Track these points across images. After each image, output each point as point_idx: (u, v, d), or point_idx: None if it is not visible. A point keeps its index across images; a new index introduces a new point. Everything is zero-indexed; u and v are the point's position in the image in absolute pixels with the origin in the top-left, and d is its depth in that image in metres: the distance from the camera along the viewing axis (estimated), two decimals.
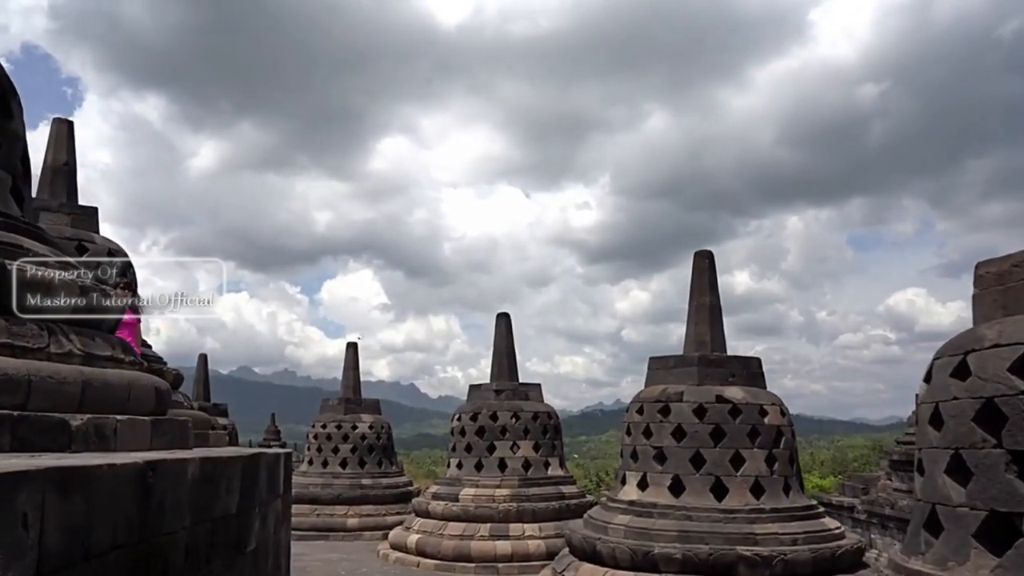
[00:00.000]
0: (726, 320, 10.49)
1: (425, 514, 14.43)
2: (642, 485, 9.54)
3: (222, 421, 22.94)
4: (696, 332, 10.18)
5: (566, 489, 14.62)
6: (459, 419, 15.12)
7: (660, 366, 10.22)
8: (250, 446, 30.85)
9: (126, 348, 5.38)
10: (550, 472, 14.70)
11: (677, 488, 9.24)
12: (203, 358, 23.55)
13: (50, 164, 10.75)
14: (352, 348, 20.15)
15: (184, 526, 3.57)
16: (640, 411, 9.87)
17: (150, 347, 11.14)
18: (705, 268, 10.37)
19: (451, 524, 13.89)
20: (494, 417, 14.68)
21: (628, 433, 10.04)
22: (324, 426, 18.95)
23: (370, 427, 19.02)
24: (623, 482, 9.89)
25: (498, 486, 14.15)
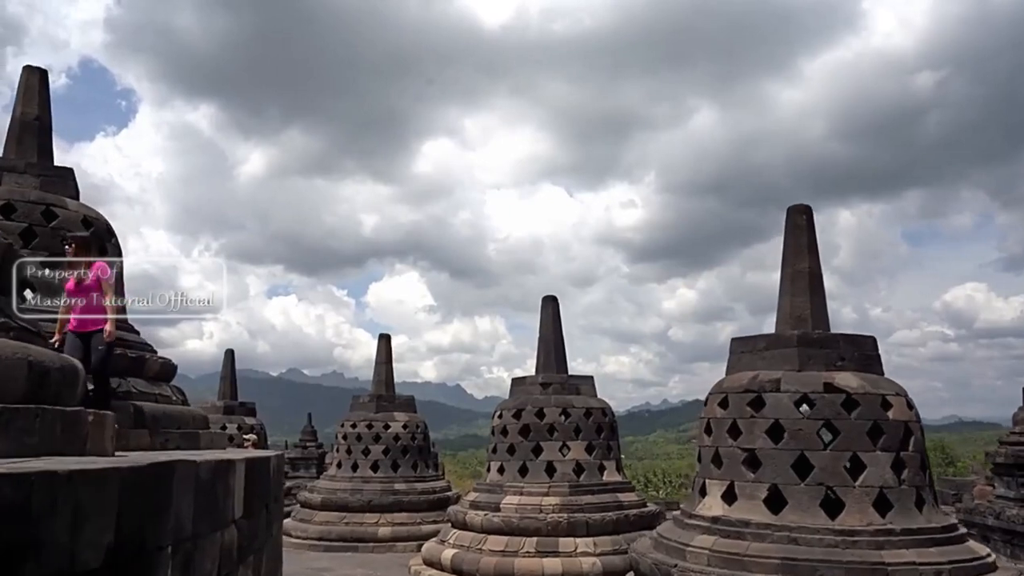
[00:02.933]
0: (775, 319, 8.47)
1: (462, 525, 12.59)
2: (728, 497, 7.53)
3: (249, 421, 21.53)
4: (792, 305, 8.13)
5: (624, 497, 12.63)
6: (500, 416, 13.25)
7: (747, 348, 8.20)
8: (286, 447, 29.40)
9: None
10: (605, 477, 12.73)
11: (776, 502, 7.22)
12: (229, 354, 22.15)
13: (18, 118, 9.20)
14: (384, 340, 18.47)
15: None
16: (723, 404, 7.87)
17: (138, 333, 9.53)
18: (803, 227, 8.31)
19: (491, 538, 12.02)
20: (540, 414, 12.76)
21: (708, 432, 8.04)
22: (354, 425, 17.29)
23: (404, 426, 17.30)
24: (702, 493, 7.90)
25: (546, 494, 12.23)
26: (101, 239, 8.99)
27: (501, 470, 12.91)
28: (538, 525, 11.83)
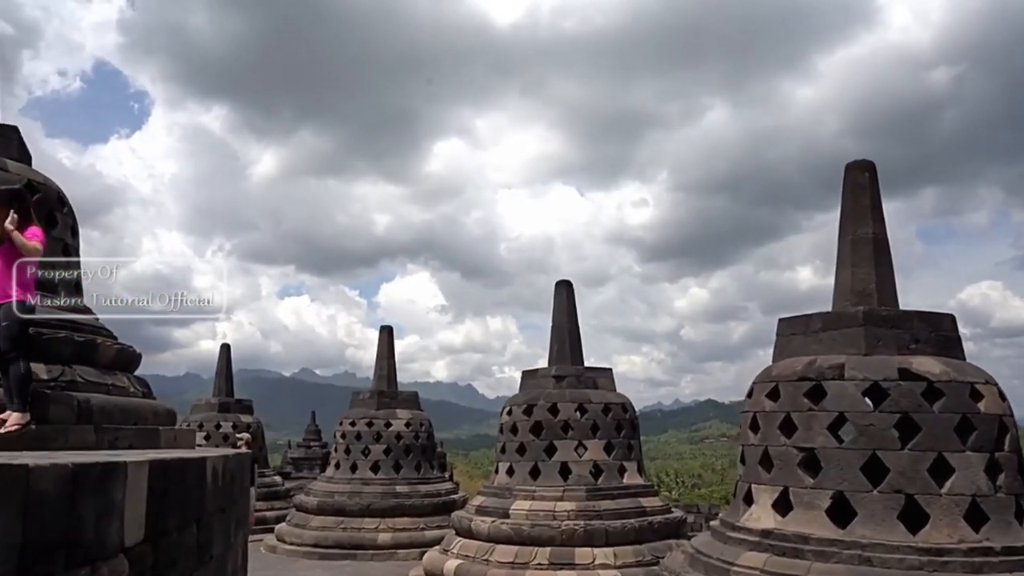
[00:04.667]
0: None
1: (467, 533, 11.35)
2: (782, 506, 6.26)
3: (245, 419, 20.41)
4: (855, 278, 6.84)
5: (647, 502, 11.35)
6: (509, 413, 11.99)
7: (799, 329, 6.92)
8: (289, 447, 28.21)
9: None
10: (626, 480, 11.46)
11: (842, 512, 5.94)
12: (225, 349, 21.04)
13: None
14: (386, 333, 17.27)
15: None
16: (773, 395, 6.59)
17: (91, 312, 8.33)
18: (865, 186, 7.02)
19: (499, 547, 10.77)
20: (554, 410, 11.50)
21: (754, 428, 6.76)
22: (353, 424, 16.08)
23: (407, 424, 16.07)
24: (748, 500, 6.63)
25: (560, 498, 10.98)
26: (49, 205, 7.80)
27: (510, 472, 11.66)
28: (551, 533, 10.58)
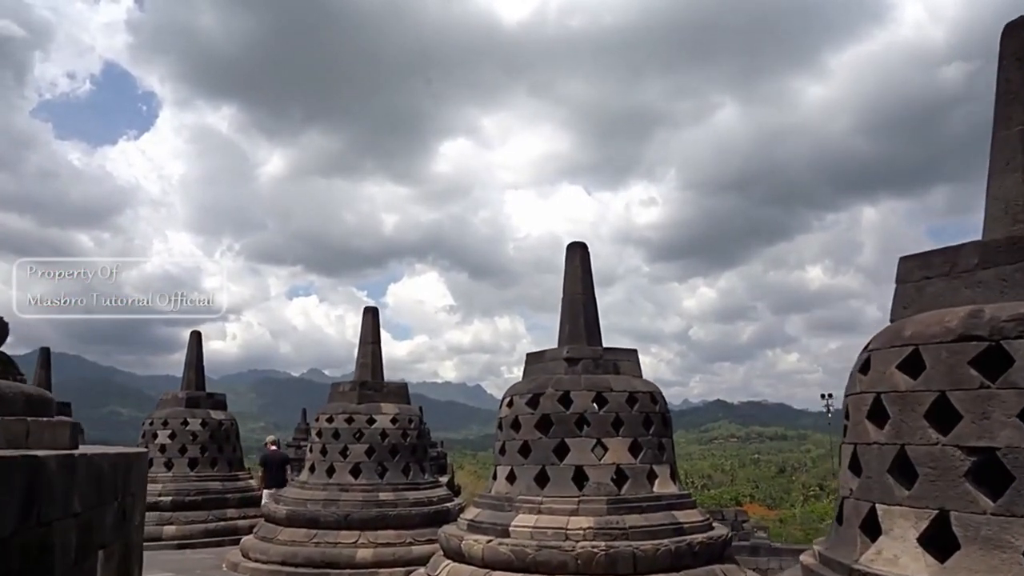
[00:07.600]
0: (797, 317, 5.00)
1: (457, 555, 9.01)
2: (938, 542, 3.91)
3: (217, 415, 18.18)
4: (1021, 190, 4.48)
5: (685, 517, 8.96)
6: (510, 404, 9.64)
7: (938, 268, 4.56)
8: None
9: None
10: (657, 488, 9.08)
11: None
12: (195, 336, 18.78)
13: None
14: (370, 315, 14.96)
15: None
16: (911, 366, 4.23)
17: None
18: None
19: (497, 574, 8.44)
20: (566, 400, 9.12)
21: (876, 418, 4.40)
22: (330, 419, 13.74)
23: (393, 420, 13.72)
24: (869, 529, 4.27)
25: (574, 512, 8.63)
26: None
27: (511, 478, 9.29)
28: (563, 557, 8.23)
